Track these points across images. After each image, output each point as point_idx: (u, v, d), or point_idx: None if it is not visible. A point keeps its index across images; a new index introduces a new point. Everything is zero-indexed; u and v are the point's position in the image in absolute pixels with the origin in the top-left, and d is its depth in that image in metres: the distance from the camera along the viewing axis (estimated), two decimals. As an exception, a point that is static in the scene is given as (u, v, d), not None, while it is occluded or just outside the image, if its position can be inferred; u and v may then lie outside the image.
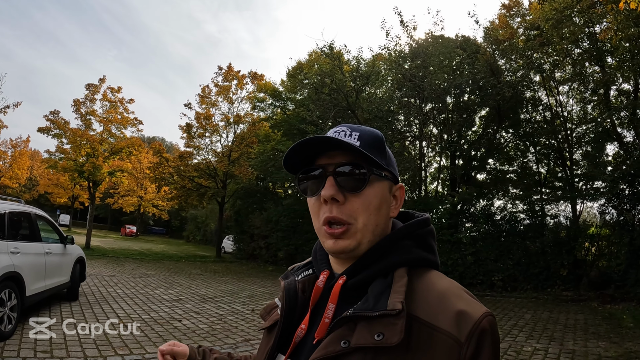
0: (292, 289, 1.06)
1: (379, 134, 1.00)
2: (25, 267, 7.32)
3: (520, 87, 19.18)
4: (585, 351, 7.93)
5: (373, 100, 22.52)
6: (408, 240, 0.98)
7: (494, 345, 0.82)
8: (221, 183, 29.99)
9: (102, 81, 27.47)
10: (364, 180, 0.93)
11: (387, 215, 0.99)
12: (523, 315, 11.87)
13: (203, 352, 1.42)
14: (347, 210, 0.94)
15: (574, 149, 19.49)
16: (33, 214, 8.50)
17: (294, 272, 1.15)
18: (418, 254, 0.97)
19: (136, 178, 50.91)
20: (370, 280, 0.93)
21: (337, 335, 0.85)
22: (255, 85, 31.60)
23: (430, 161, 24.61)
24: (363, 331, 0.82)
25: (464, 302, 0.85)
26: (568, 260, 16.68)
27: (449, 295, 0.86)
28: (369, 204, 0.94)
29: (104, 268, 17.95)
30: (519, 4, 20.52)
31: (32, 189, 61.71)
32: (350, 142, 0.93)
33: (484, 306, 0.86)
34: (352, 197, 0.94)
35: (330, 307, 0.92)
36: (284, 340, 0.99)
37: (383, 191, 0.97)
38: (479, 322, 0.81)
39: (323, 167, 0.96)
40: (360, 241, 0.94)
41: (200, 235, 53.63)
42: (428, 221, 1.04)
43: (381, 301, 0.85)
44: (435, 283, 0.90)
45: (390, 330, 0.80)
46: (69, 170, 26.23)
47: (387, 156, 1.01)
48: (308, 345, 0.92)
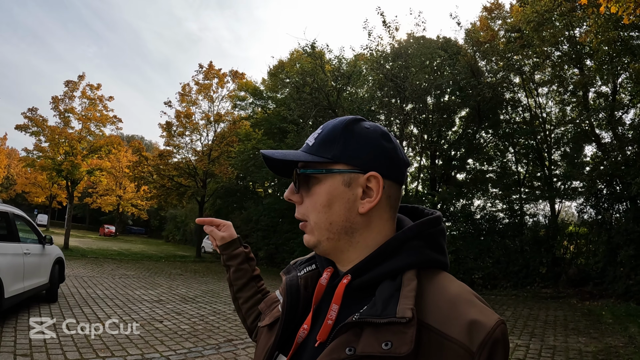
0: (294, 284, 1.03)
1: (341, 122, 0.96)
2: (3, 268, 7.18)
3: (500, 88, 19.39)
4: (565, 347, 8.03)
5: (354, 99, 22.57)
6: (418, 241, 0.92)
7: (505, 354, 0.79)
8: (201, 182, 29.83)
9: (81, 78, 27.13)
10: (298, 182, 0.96)
11: (345, 210, 0.92)
12: (503, 313, 12.00)
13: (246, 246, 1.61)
14: (302, 210, 0.97)
15: (552, 150, 19.74)
16: (11, 214, 8.34)
17: (297, 266, 1.11)
18: (428, 256, 0.91)
19: (115, 177, 50.29)
20: (376, 281, 0.88)
21: (342, 341, 0.80)
22: (236, 84, 31.50)
23: (410, 161, 24.72)
24: (370, 338, 0.78)
25: (477, 309, 0.81)
26: (547, 258, 16.92)
27: (461, 301, 0.82)
28: (315, 203, 0.93)
29: (83, 269, 17.73)
30: (500, 6, 20.75)
31: (9, 188, 60.88)
32: (308, 143, 0.98)
33: (495, 313, 0.82)
34: (305, 196, 0.96)
35: (334, 308, 0.88)
36: (284, 339, 0.97)
37: (332, 187, 0.92)
38: (492, 331, 0.77)
39: None
40: (319, 238, 0.94)
41: (179, 235, 53.31)
42: (440, 219, 0.97)
43: (390, 307, 0.80)
44: (446, 287, 0.86)
45: (400, 340, 0.75)
46: (47, 168, 25.89)
47: (348, 145, 0.93)
48: (309, 348, 0.89)
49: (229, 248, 1.54)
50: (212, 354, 6.86)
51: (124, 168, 45.79)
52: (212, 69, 30.59)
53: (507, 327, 0.82)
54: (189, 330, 8.36)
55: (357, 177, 0.92)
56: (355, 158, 0.93)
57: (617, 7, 7.52)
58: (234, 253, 1.54)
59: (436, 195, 20.11)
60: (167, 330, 8.26)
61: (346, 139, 0.93)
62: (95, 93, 27.33)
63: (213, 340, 7.73)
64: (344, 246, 0.94)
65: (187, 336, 7.90)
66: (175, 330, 8.32)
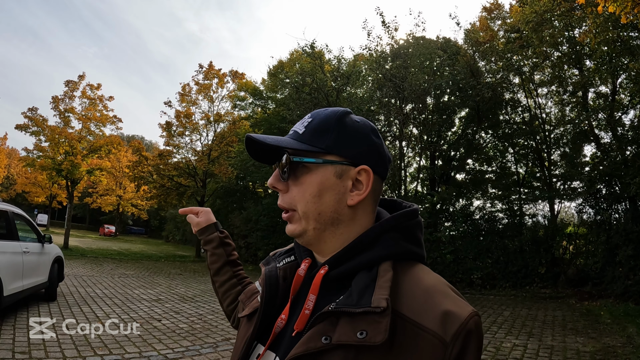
0: (273, 275, 1.03)
1: (334, 113, 0.96)
2: (3, 267, 7.20)
3: (500, 88, 19.36)
4: (563, 346, 8.03)
5: (353, 100, 22.55)
6: (395, 233, 0.93)
7: (478, 345, 0.81)
8: (201, 182, 29.88)
9: (81, 78, 27.15)
10: (285, 168, 0.94)
11: (334, 202, 0.93)
12: (502, 312, 11.99)
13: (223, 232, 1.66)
14: (287, 199, 0.95)
15: (552, 150, 19.72)
16: (10, 213, 8.36)
17: (276, 258, 1.12)
18: (405, 247, 0.93)
19: (115, 177, 50.29)
20: (353, 272, 0.90)
21: (318, 331, 0.82)
22: (236, 84, 31.55)
23: (410, 161, 24.71)
24: (345, 328, 0.79)
25: (451, 300, 0.82)
26: (546, 258, 16.91)
27: (435, 292, 0.83)
28: (305, 192, 0.93)
29: (82, 268, 17.75)
30: (500, 6, 20.76)
31: (10, 188, 60.88)
32: (297, 130, 0.97)
33: (469, 305, 0.83)
34: (292, 185, 0.95)
35: (311, 298, 0.90)
36: (263, 328, 0.98)
37: (324, 177, 0.92)
38: (466, 322, 0.79)
39: None
40: (305, 228, 0.94)
41: (179, 235, 53.31)
42: (416, 212, 0.99)
43: (365, 297, 0.82)
44: (422, 279, 0.87)
45: (374, 329, 0.77)
46: (47, 168, 25.92)
47: (340, 137, 0.94)
48: (287, 337, 0.90)
49: (204, 233, 1.62)
50: (209, 352, 6.87)
51: (124, 168, 45.79)
52: (212, 69, 30.63)
53: (480, 319, 0.83)
54: (187, 329, 8.37)
55: (348, 170, 0.94)
56: (347, 150, 0.94)
57: (615, 7, 7.52)
58: (208, 238, 1.61)
59: (435, 196, 20.09)
60: (165, 329, 8.27)
61: (339, 131, 0.94)
62: (95, 93, 27.36)
63: (211, 339, 7.74)
64: (328, 237, 0.95)
65: (185, 335, 7.91)
66: (174, 329, 8.33)
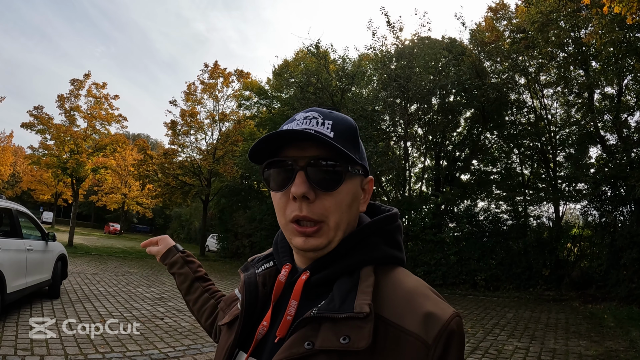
0: (252, 282, 1.02)
1: (352, 123, 0.95)
2: (6, 264, 7.23)
3: (505, 89, 19.30)
4: (566, 350, 8.00)
5: (358, 99, 22.53)
6: (376, 237, 0.94)
7: (460, 345, 0.81)
8: (205, 181, 29.94)
9: (87, 77, 27.27)
10: (339, 179, 0.87)
11: (357, 211, 0.95)
12: (505, 315, 11.96)
13: (184, 252, 1.66)
14: (318, 209, 0.87)
15: (557, 151, 19.62)
16: (14, 210, 8.40)
17: (254, 263, 1.11)
18: (385, 252, 0.93)
19: (120, 175, 50.55)
20: (335, 277, 0.90)
21: (301, 336, 0.81)
22: (241, 83, 31.58)
23: (414, 161, 24.64)
24: (328, 333, 0.79)
25: (432, 302, 0.82)
26: (550, 260, 16.84)
27: (416, 295, 0.83)
28: (341, 203, 0.89)
29: (86, 266, 17.81)
30: (505, 6, 20.67)
31: (15, 186, 61.14)
32: (324, 133, 0.88)
33: (450, 307, 0.83)
34: (324, 195, 0.87)
35: (293, 304, 0.89)
36: (244, 336, 0.97)
37: (355, 188, 0.92)
38: (447, 323, 0.78)
39: (293, 160, 0.88)
40: (332, 239, 0.90)
41: (184, 233, 53.42)
42: (396, 216, 0.99)
43: (347, 302, 0.82)
44: (402, 282, 0.87)
45: (357, 334, 0.77)
46: (52, 166, 26.04)
47: (360, 148, 0.96)
48: (269, 343, 0.89)
49: (166, 257, 1.64)
50: (210, 351, 6.88)
51: (129, 166, 46.05)
52: (218, 69, 30.68)
53: (462, 320, 0.83)
54: (189, 328, 8.38)
55: (363, 179, 0.96)
56: (364, 160, 0.96)
57: (620, 7, 7.50)
58: (171, 261, 1.62)
59: (440, 196, 20.06)
60: (167, 327, 8.29)
61: (359, 142, 0.96)
62: (100, 92, 27.48)
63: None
64: None
65: (187, 333, 7.92)
66: (176, 327, 8.34)
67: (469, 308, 13.18)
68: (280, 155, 0.91)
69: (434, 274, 17.99)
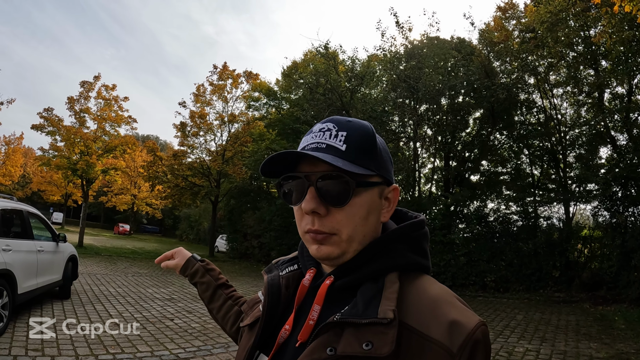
0: (275, 284, 1.02)
1: (369, 130, 0.93)
2: (17, 265, 7.27)
3: (515, 89, 19.19)
4: (576, 352, 7.95)
5: (367, 100, 22.52)
6: (401, 244, 0.93)
7: (486, 355, 0.80)
8: (215, 182, 29.97)
9: (96, 79, 27.40)
10: (348, 194, 0.86)
11: (376, 222, 0.93)
12: (515, 316, 11.90)
13: (203, 261, 1.65)
14: (330, 223, 0.88)
15: (567, 152, 19.52)
16: (25, 212, 8.45)
17: (278, 266, 1.11)
18: (411, 259, 0.92)
19: (130, 176, 50.69)
20: (359, 283, 0.89)
21: (323, 341, 0.81)
22: (250, 85, 31.59)
23: (424, 162, 24.56)
24: (351, 339, 0.78)
25: (457, 310, 0.81)
26: (560, 261, 16.74)
27: (442, 303, 0.82)
28: (354, 216, 0.88)
29: (96, 266, 17.90)
30: (514, 6, 20.58)
31: (25, 187, 61.51)
32: (335, 146, 0.89)
33: (476, 315, 0.82)
34: (336, 209, 0.88)
35: (316, 308, 0.89)
36: (265, 338, 0.97)
37: (371, 199, 0.91)
38: (473, 332, 0.77)
39: (305, 176, 0.89)
40: (346, 250, 0.89)
41: (193, 234, 53.52)
42: (423, 223, 0.98)
43: (371, 307, 0.81)
44: (427, 289, 0.86)
45: (381, 340, 0.76)
46: (63, 167, 26.16)
47: (379, 157, 0.93)
48: (291, 347, 0.89)
49: (186, 270, 1.62)
50: (221, 352, 6.89)
51: (138, 168, 46.17)
52: (227, 70, 30.72)
53: (488, 329, 0.82)
54: (199, 329, 8.40)
55: (384, 188, 0.94)
56: (384, 170, 0.94)
57: (631, 6, 7.45)
58: (192, 271, 1.61)
59: (450, 197, 20.00)
60: (177, 328, 8.31)
61: (378, 150, 0.94)
62: (110, 93, 27.60)
63: (222, 339, 7.75)
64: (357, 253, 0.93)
65: (197, 334, 7.94)
66: (186, 328, 8.36)
67: (478, 310, 13.11)
68: (297, 170, 0.93)
69: (444, 275, 17.92)
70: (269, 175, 0.95)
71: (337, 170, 0.85)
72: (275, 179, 0.96)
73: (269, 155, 0.91)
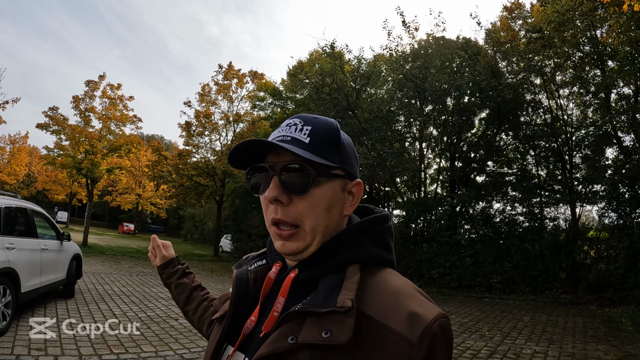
0: (243, 278, 1.05)
1: (333, 126, 0.96)
2: (21, 263, 7.24)
3: (521, 89, 19.13)
4: (584, 354, 7.89)
5: (374, 100, 22.48)
6: (364, 237, 0.96)
7: (447, 347, 0.81)
8: (220, 182, 29.96)
9: (102, 78, 27.47)
10: (308, 183, 0.89)
11: (339, 214, 0.96)
12: (522, 318, 11.84)
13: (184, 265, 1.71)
14: (292, 212, 0.91)
15: (573, 152, 19.43)
16: (29, 210, 8.41)
17: (248, 261, 1.13)
18: (373, 252, 0.95)
19: (134, 176, 50.85)
20: (322, 275, 0.91)
21: (285, 331, 0.83)
22: (255, 84, 31.55)
23: (429, 163, 24.54)
24: (311, 327, 0.80)
25: (417, 303, 0.83)
26: (567, 263, 16.68)
27: (402, 295, 0.84)
28: (316, 206, 0.91)
29: (100, 266, 17.91)
30: (521, 6, 20.50)
31: (30, 186, 61.68)
32: (299, 139, 0.91)
33: (437, 307, 0.84)
34: (298, 198, 0.90)
35: (280, 300, 0.91)
36: (233, 331, 0.99)
37: (333, 191, 0.93)
38: (431, 324, 0.79)
39: (270, 166, 0.92)
40: (310, 243, 0.92)
41: (197, 234, 53.67)
42: (387, 218, 1.01)
43: (331, 297, 0.83)
44: (389, 282, 0.89)
45: (339, 328, 0.78)
46: (67, 166, 26.25)
47: (343, 151, 0.96)
48: (256, 338, 0.91)
49: (168, 266, 1.67)
50: (225, 352, 6.84)
51: (143, 167, 46.31)
52: (232, 70, 30.68)
53: (449, 322, 0.84)
54: (203, 329, 8.34)
55: (347, 182, 0.97)
56: (347, 164, 0.97)
57: (640, 6, 7.37)
58: (172, 270, 1.65)
59: (455, 198, 19.96)
60: (182, 328, 8.27)
61: (342, 145, 0.96)
62: (115, 93, 27.69)
63: (227, 339, 7.70)
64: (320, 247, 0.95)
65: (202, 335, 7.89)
66: (190, 328, 8.30)
67: (485, 311, 13.08)
68: (264, 161, 0.95)
69: (449, 276, 17.89)
70: (237, 166, 0.99)
71: (299, 160, 0.88)
72: (243, 170, 0.99)
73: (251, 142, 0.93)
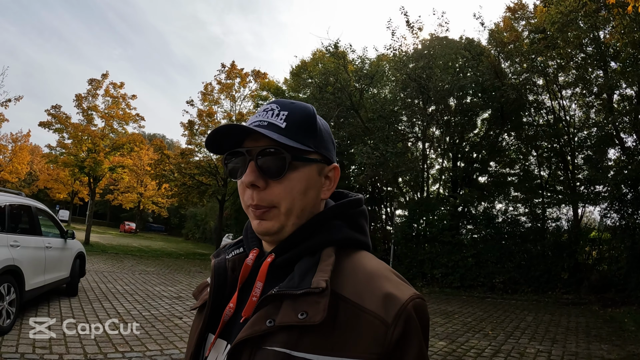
0: (221, 267, 1.05)
1: (309, 111, 0.98)
2: (25, 261, 7.24)
3: (524, 90, 19.10)
4: (588, 354, 7.90)
5: (377, 100, 22.46)
6: (338, 220, 0.98)
7: (422, 327, 0.84)
8: (222, 181, 29.99)
9: (104, 76, 27.47)
10: (283, 167, 0.91)
11: (316, 197, 0.97)
12: (525, 318, 11.85)
13: None
14: (269, 196, 0.92)
15: (576, 153, 19.42)
16: (34, 207, 8.42)
17: (225, 250, 1.13)
18: (348, 234, 0.97)
19: (137, 174, 50.81)
20: (298, 258, 0.93)
21: (263, 314, 0.84)
22: (258, 84, 31.60)
23: (432, 163, 24.51)
24: (288, 310, 0.82)
25: (392, 284, 0.86)
26: (569, 263, 16.67)
27: (377, 276, 0.87)
28: (292, 189, 0.92)
29: (103, 264, 17.92)
30: (524, 7, 20.48)
31: (32, 184, 61.68)
32: (276, 123, 0.93)
33: (412, 288, 0.87)
34: (274, 183, 0.92)
35: (258, 285, 0.92)
36: (214, 319, 0.99)
37: (309, 175, 0.95)
38: (406, 304, 0.81)
39: (247, 151, 0.93)
40: (285, 224, 0.93)
41: (199, 233, 53.65)
42: (361, 201, 1.04)
43: (306, 279, 0.85)
44: (364, 263, 0.91)
45: (314, 309, 0.80)
46: (70, 165, 26.26)
47: (319, 136, 0.98)
48: (236, 324, 0.92)
49: None
50: (229, 351, 6.84)
51: (145, 166, 46.28)
52: (235, 69, 30.74)
53: (424, 302, 0.87)
54: (207, 327, 8.35)
55: (323, 167, 0.99)
56: (324, 149, 0.98)
57: (645, 7, 7.37)
58: None
59: (457, 198, 19.96)
60: (186, 326, 8.28)
61: (318, 130, 0.98)
62: (118, 91, 27.69)
63: (231, 337, 7.71)
64: (296, 229, 0.96)
65: (205, 333, 7.89)
66: (194, 327, 8.32)
67: (488, 311, 13.08)
68: (242, 146, 0.96)
69: (452, 276, 17.89)
70: (215, 151, 1.00)
71: (275, 144, 0.90)
72: (221, 155, 1.00)
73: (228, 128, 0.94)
